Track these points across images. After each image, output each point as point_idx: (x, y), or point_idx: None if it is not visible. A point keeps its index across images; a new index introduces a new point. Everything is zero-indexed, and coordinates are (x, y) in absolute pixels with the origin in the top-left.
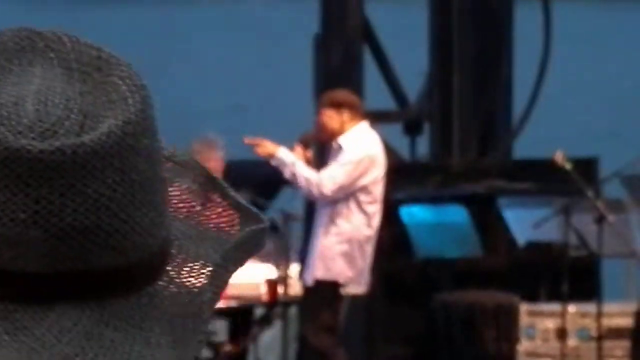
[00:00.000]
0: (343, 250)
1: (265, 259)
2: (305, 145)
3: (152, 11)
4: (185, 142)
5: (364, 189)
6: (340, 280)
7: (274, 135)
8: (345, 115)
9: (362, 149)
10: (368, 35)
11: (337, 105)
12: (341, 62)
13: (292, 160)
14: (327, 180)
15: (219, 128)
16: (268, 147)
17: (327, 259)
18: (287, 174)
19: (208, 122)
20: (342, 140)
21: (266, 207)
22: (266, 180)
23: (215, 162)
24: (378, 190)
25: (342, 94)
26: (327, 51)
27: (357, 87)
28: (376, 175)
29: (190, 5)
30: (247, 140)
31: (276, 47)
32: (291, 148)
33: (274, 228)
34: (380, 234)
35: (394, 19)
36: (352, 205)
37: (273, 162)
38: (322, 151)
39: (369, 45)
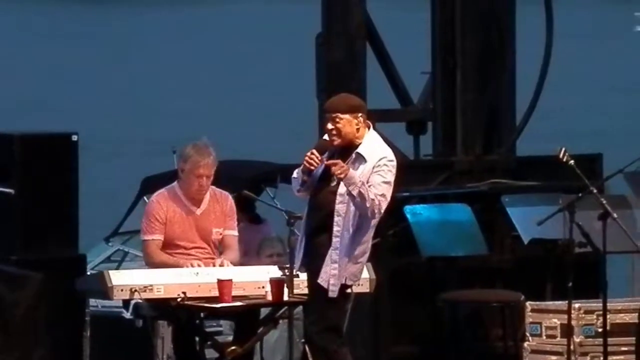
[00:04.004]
0: (356, 254)
1: (270, 259)
2: (322, 151)
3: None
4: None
5: None
6: (349, 281)
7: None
8: (361, 119)
9: (390, 158)
10: (370, 34)
11: (354, 110)
12: (344, 61)
13: (362, 180)
14: (382, 200)
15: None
16: (344, 167)
17: (342, 266)
18: (354, 192)
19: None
20: (362, 150)
21: (255, 202)
22: (253, 179)
23: (208, 166)
24: None
25: (355, 99)
26: (329, 50)
27: (360, 86)
28: None
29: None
30: (327, 162)
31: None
32: (295, 147)
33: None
34: (385, 233)
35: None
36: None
37: (345, 181)
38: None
39: (371, 44)
